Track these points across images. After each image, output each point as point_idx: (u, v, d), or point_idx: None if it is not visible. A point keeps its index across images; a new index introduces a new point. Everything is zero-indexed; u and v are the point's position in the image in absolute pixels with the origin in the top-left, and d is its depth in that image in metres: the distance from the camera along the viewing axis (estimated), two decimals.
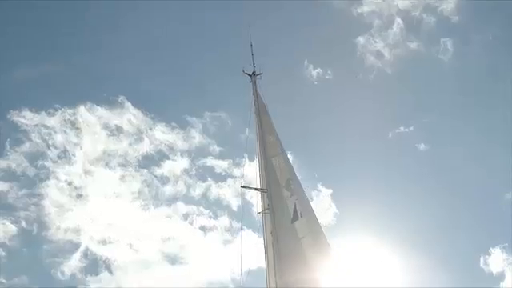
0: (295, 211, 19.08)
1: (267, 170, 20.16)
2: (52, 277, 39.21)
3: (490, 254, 39.47)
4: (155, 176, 44.03)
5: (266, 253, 19.31)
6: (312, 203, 36.05)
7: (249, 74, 22.25)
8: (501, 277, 39.01)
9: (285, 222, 19.12)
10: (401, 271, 36.02)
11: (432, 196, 44.13)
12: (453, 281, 37.65)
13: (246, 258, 19.92)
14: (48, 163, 41.91)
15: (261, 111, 21.16)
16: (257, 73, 22.18)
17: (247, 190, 20.77)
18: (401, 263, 36.50)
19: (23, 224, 39.94)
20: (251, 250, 20.15)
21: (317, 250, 18.44)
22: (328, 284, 18.12)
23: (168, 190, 44.06)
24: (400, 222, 41.52)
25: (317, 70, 46.15)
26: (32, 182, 41.41)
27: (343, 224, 40.81)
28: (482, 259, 39.38)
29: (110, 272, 39.96)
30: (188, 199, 43.79)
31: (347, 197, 43.55)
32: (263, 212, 19.90)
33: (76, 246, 40.14)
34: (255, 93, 21.80)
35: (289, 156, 20.69)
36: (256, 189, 20.17)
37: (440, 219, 42.61)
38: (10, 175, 41.12)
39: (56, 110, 43.11)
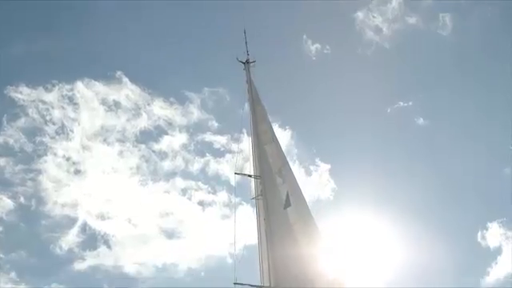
0: (287, 198, 19.54)
1: (261, 157, 20.59)
2: (51, 251, 40.11)
3: (487, 229, 40.15)
4: (153, 151, 44.37)
5: (260, 236, 19.84)
6: (310, 178, 36.74)
7: (242, 62, 22.49)
8: (498, 251, 39.70)
9: (277, 207, 19.62)
10: (398, 245, 36.77)
11: (430, 170, 44.61)
12: (451, 255, 38.39)
13: (244, 233, 20.36)
14: (46, 139, 42.43)
15: (254, 99, 21.51)
16: (250, 60, 22.38)
17: (243, 167, 21.29)
18: (398, 237, 37.21)
19: (21, 199, 40.67)
20: (248, 225, 20.54)
21: (308, 236, 18.97)
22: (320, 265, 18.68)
23: (166, 165, 44.42)
24: (398, 197, 42.10)
25: (315, 45, 46.20)
26: (30, 157, 41.95)
27: (341, 199, 41.51)
28: (479, 234, 40.06)
29: (109, 247, 40.70)
30: (186, 174, 44.19)
31: (345, 172, 44.14)
32: (257, 198, 20.41)
33: (73, 220, 40.90)
34: (249, 81, 22.10)
35: (287, 131, 20.93)
36: (250, 175, 20.65)
37: (438, 194, 43.21)
38: (6, 150, 41.75)
39: (53, 86, 43.38)
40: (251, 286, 18.60)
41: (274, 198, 19.82)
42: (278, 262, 18.82)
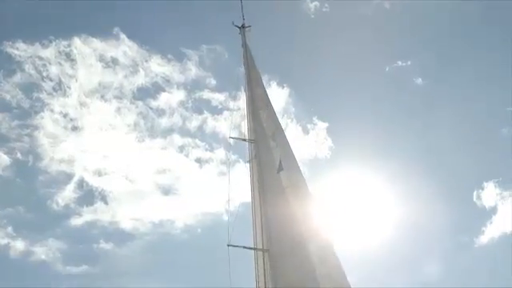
0: (281, 162, 19.87)
1: (255, 122, 20.86)
2: (47, 207, 40.94)
3: (483, 189, 40.77)
4: (151, 108, 44.86)
5: (253, 200, 20.27)
6: (307, 137, 37.27)
7: (238, 27, 22.47)
8: (493, 211, 40.45)
9: (271, 171, 19.95)
10: (395, 203, 37.54)
11: (428, 130, 45.07)
12: (448, 214, 39.13)
13: (240, 191, 20.76)
14: (43, 95, 42.79)
15: (250, 64, 21.61)
16: (246, 25, 22.38)
17: (240, 126, 21.55)
18: (395, 196, 37.95)
19: (18, 155, 41.12)
20: (245, 183, 20.75)
21: (300, 199, 19.33)
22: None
23: (164, 122, 44.96)
24: (395, 156, 42.71)
25: (314, 3, 45.91)
26: (26, 113, 42.46)
27: (338, 157, 42.18)
28: (475, 193, 40.69)
29: (105, 203, 41.46)
30: (184, 131, 44.73)
31: (343, 130, 44.64)
32: (251, 161, 20.76)
33: (70, 176, 41.77)
34: (244, 46, 22.14)
35: (285, 90, 20.96)
36: (244, 139, 20.98)
37: (435, 153, 43.68)
38: (3, 106, 42.38)
39: (50, 42, 43.46)
40: (245, 247, 19.00)
41: (268, 161, 20.12)
42: (271, 224, 19.23)
